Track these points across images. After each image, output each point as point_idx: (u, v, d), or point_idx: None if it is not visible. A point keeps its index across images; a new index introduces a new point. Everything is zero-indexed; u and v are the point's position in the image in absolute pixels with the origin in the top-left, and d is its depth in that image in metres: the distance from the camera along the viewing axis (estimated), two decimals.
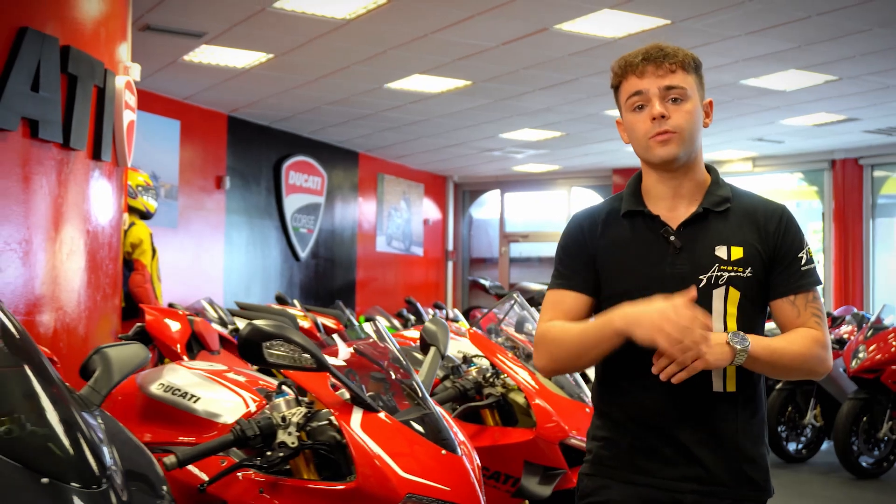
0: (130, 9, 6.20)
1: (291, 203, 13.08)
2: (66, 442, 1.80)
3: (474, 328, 3.90)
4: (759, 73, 9.44)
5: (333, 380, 2.57)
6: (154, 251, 6.86)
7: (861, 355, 7.69)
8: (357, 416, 2.49)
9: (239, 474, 2.55)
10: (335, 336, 2.91)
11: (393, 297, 14.84)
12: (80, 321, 5.14)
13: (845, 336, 8.86)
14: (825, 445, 8.55)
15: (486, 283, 16.00)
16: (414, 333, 4.87)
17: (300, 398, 2.61)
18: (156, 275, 6.87)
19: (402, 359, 2.72)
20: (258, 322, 2.36)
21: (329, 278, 14.21)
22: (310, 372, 2.47)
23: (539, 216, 17.87)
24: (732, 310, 2.19)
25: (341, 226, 14.50)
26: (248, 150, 12.42)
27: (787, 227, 2.25)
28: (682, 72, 2.21)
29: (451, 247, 17.68)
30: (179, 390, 2.74)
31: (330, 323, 7.66)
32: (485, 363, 3.71)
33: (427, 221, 16.93)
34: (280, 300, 8.72)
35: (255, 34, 8.36)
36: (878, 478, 7.70)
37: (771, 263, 2.23)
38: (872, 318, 8.64)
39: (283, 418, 2.48)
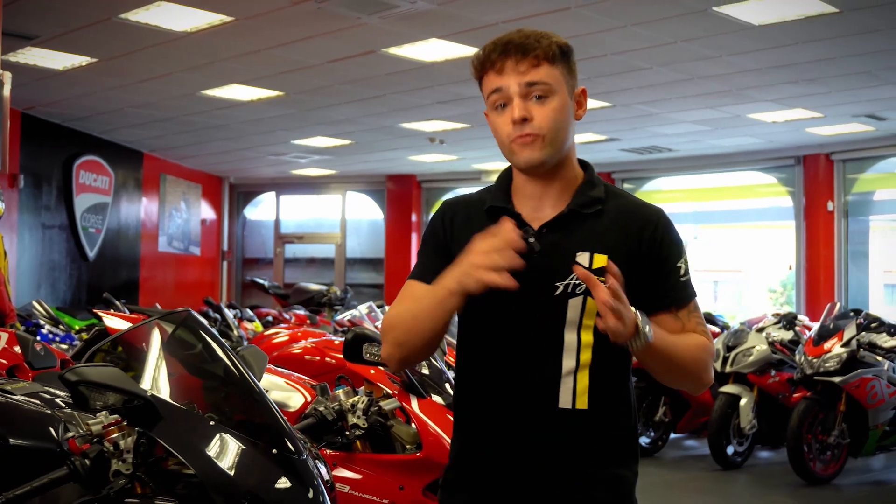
0: (0, 15, 6.28)
1: (81, 202, 12.97)
2: (277, 423, 2.33)
3: None
4: None
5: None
6: (5, 254, 6.88)
7: None
8: (414, 401, 3.10)
9: None
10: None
11: (173, 296, 14.93)
12: None
13: None
14: None
15: (266, 283, 16.39)
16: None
17: (356, 389, 3.15)
18: (7, 278, 6.90)
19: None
20: (358, 329, 2.92)
21: (114, 278, 14.11)
22: (375, 366, 3.06)
23: (313, 217, 18.42)
24: (589, 322, 2.00)
25: (126, 225, 14.45)
26: (40, 148, 12.20)
27: (664, 235, 2.06)
28: (546, 65, 2.01)
29: (226, 247, 17.89)
30: None
31: None
32: None
33: (205, 222, 17.07)
34: (107, 302, 8.80)
35: (90, 40, 8.42)
36: (654, 455, 8.93)
37: (645, 272, 2.03)
38: None
39: (353, 405, 3.02)
